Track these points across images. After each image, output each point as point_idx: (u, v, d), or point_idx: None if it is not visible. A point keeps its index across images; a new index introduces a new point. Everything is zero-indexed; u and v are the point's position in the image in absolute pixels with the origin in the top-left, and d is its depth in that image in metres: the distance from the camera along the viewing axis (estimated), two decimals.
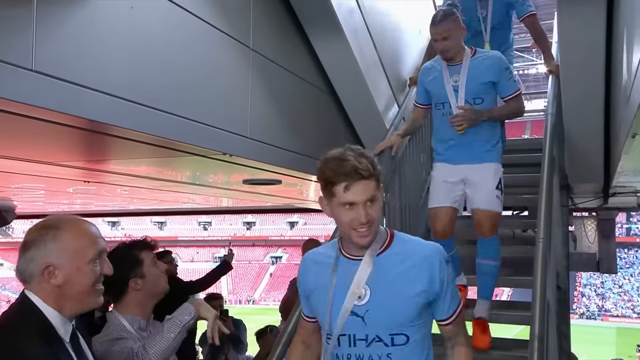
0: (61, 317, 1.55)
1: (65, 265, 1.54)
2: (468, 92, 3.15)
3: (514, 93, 3.18)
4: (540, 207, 2.99)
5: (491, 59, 3.18)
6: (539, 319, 2.38)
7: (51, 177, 4.25)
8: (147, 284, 2.28)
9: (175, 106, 2.79)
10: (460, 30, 3.14)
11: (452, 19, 3.10)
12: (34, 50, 2.02)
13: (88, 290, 1.59)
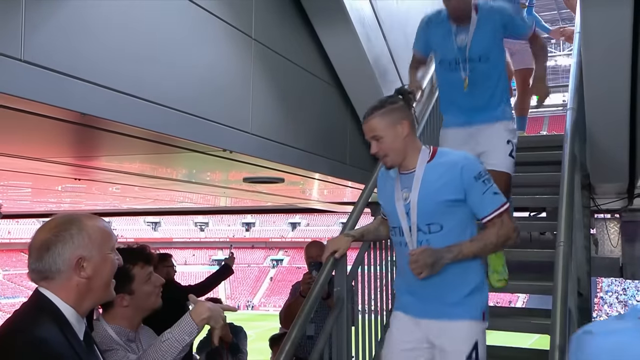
0: (76, 315, 1.64)
1: (94, 256, 1.66)
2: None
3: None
4: (561, 209, 2.97)
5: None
6: (560, 328, 2.36)
7: (39, 174, 4.26)
8: (135, 300, 2.26)
9: (172, 99, 2.79)
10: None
11: None
12: (23, 39, 2.02)
13: (108, 282, 1.74)
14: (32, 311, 1.62)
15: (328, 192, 6.19)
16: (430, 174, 2.44)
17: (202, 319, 2.08)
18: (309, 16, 3.83)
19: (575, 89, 4.06)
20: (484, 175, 2.40)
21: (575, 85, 4.09)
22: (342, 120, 4.51)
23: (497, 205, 2.40)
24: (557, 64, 31.73)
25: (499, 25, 3.32)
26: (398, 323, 2.63)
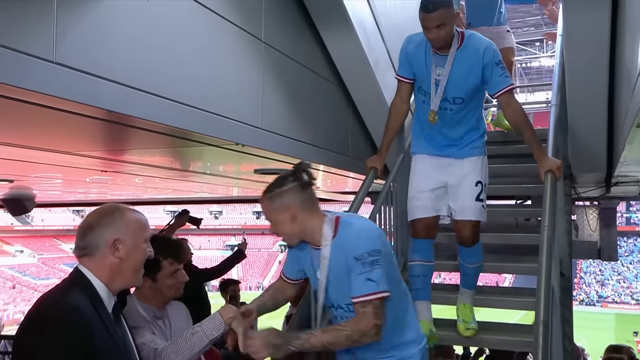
0: (107, 291, 1.73)
1: (128, 241, 1.75)
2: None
3: None
4: (545, 196, 2.97)
5: None
6: (544, 305, 2.37)
7: (70, 166, 4.27)
8: (157, 287, 2.27)
9: (189, 97, 2.78)
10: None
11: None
12: (55, 42, 2.02)
13: (138, 267, 1.81)
14: (68, 284, 1.71)
15: (331, 182, 6.19)
16: (333, 255, 2.10)
17: (229, 317, 2.13)
18: (314, 21, 3.82)
19: (558, 87, 4.06)
20: (367, 258, 2.01)
21: (558, 84, 4.09)
22: (344, 117, 4.51)
23: (366, 292, 2.01)
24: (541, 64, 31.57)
25: (480, 65, 2.85)
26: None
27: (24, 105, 2.16)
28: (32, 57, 1.94)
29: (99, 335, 1.60)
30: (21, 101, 2.12)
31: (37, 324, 1.59)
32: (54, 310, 1.60)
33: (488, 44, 2.88)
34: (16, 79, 1.89)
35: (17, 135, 3.00)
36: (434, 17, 2.71)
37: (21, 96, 2.05)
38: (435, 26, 2.73)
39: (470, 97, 2.94)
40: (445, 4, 2.72)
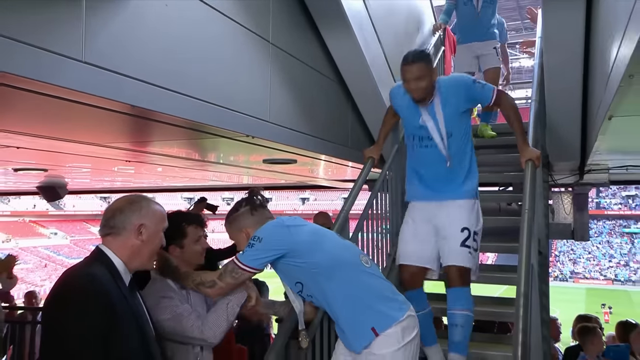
0: (125, 268, 1.75)
1: (151, 228, 1.79)
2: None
3: None
4: (526, 183, 2.96)
5: None
6: (524, 279, 2.37)
7: (97, 157, 4.27)
8: (184, 254, 2.27)
9: (205, 93, 2.77)
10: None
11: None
12: (84, 44, 2.01)
13: (154, 252, 1.85)
14: (89, 261, 1.74)
15: (332, 171, 6.18)
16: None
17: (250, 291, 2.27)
18: (316, 23, 3.79)
19: (537, 84, 4.04)
20: (251, 240, 2.14)
21: (537, 81, 4.07)
22: (344, 111, 4.48)
23: (237, 256, 2.16)
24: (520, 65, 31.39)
25: (462, 100, 2.73)
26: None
27: (57, 100, 2.16)
28: (63, 57, 1.94)
29: (117, 302, 1.62)
30: (54, 97, 2.11)
31: (62, 294, 1.61)
32: (77, 282, 1.62)
33: (455, 81, 2.77)
34: (50, 76, 1.89)
35: (50, 128, 3.00)
36: (414, 70, 2.60)
37: (54, 92, 2.05)
38: (414, 78, 2.61)
39: (457, 129, 2.74)
40: (425, 58, 2.63)
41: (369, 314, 2.13)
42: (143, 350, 1.69)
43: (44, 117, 2.68)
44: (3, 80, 1.84)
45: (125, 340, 1.61)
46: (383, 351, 2.09)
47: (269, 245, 2.12)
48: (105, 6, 2.14)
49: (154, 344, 1.77)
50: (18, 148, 3.54)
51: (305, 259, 2.13)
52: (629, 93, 2.09)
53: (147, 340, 1.73)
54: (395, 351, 2.08)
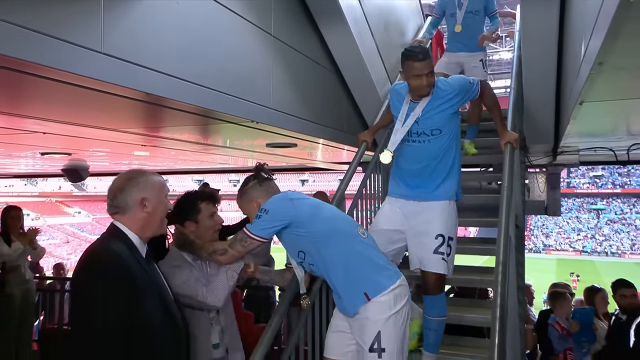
0: (139, 240, 1.74)
1: (153, 198, 1.75)
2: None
3: None
4: (505, 163, 2.96)
5: None
6: (503, 249, 2.38)
7: (116, 141, 4.24)
8: (198, 230, 2.27)
9: (213, 82, 2.75)
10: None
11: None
12: (103, 36, 1.99)
13: (162, 218, 1.80)
14: (108, 237, 1.72)
15: (329, 154, 6.17)
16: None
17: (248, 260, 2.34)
18: (315, 18, 3.75)
19: (516, 74, 4.03)
20: (259, 212, 2.16)
21: (516, 71, 4.05)
22: (340, 98, 4.46)
23: (246, 228, 2.17)
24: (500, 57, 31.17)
25: (456, 100, 2.57)
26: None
27: (79, 89, 2.14)
28: (85, 48, 1.92)
29: (137, 273, 1.62)
30: (76, 85, 2.10)
31: (87, 268, 1.61)
32: (100, 257, 1.62)
33: (456, 83, 2.59)
34: (72, 66, 1.88)
35: (73, 114, 2.98)
36: (425, 65, 2.46)
37: (76, 81, 2.04)
38: (426, 74, 2.47)
39: (447, 127, 2.56)
40: (430, 55, 2.52)
41: (362, 280, 2.12)
42: (164, 312, 1.69)
43: (67, 105, 2.66)
44: (31, 70, 1.83)
45: (147, 304, 1.61)
46: (377, 317, 2.06)
47: (275, 217, 2.13)
48: (121, 2, 2.11)
49: (173, 307, 1.77)
50: (45, 133, 3.52)
51: (307, 228, 2.14)
52: (598, 80, 2.08)
53: (167, 304, 1.73)
54: (387, 318, 2.07)
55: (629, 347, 3.77)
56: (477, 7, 4.35)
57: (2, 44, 1.62)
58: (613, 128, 3.72)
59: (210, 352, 2.28)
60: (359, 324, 2.13)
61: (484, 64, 4.46)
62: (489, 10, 4.41)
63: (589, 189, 48.78)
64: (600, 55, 1.75)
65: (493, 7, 4.42)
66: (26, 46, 1.68)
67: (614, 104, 2.68)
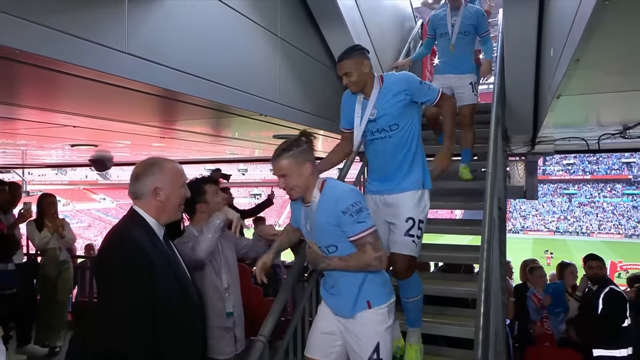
0: (157, 224, 1.69)
1: (167, 188, 1.68)
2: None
3: None
4: (489, 152, 2.97)
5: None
6: (487, 229, 2.40)
7: (137, 134, 4.23)
8: (210, 209, 2.30)
9: (225, 79, 2.73)
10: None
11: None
12: (127, 38, 1.98)
13: (177, 207, 1.73)
14: (128, 222, 1.67)
15: (329, 144, 6.15)
16: (319, 210, 1.99)
17: (225, 210, 2.33)
18: (316, 20, 3.71)
19: (499, 71, 3.99)
20: (352, 208, 1.91)
21: (499, 68, 4.02)
22: (338, 93, 4.40)
23: (359, 230, 1.92)
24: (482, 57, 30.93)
25: (404, 94, 2.32)
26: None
27: (105, 85, 2.14)
28: (111, 49, 1.91)
29: (153, 255, 1.57)
30: (103, 82, 2.09)
31: (109, 251, 1.59)
32: (119, 240, 1.60)
33: (402, 76, 2.38)
34: (100, 65, 1.87)
35: (100, 109, 2.96)
36: (342, 66, 2.32)
37: (103, 79, 2.03)
38: (343, 74, 2.33)
39: (403, 121, 2.34)
40: (351, 55, 2.30)
41: (369, 288, 2.02)
42: (179, 289, 1.66)
43: (95, 100, 2.65)
44: (64, 69, 1.82)
45: (164, 283, 1.57)
46: (377, 328, 1.99)
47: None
48: (143, 6, 2.10)
49: (189, 283, 1.73)
50: (75, 127, 3.51)
51: None
52: (574, 75, 2.07)
53: (182, 281, 1.69)
54: (385, 330, 2.00)
55: (597, 314, 3.81)
56: (467, 28, 3.85)
57: (38, 45, 1.61)
58: (586, 120, 3.70)
59: (224, 319, 2.31)
60: (356, 328, 2.02)
61: (473, 87, 3.89)
62: (480, 30, 3.87)
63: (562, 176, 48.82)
64: (576, 53, 1.73)
65: (484, 27, 3.87)
66: (59, 47, 1.67)
67: (587, 98, 2.67)
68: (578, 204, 47.40)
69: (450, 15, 3.88)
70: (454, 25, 3.85)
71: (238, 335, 2.40)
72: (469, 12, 3.85)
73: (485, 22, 3.88)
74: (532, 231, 43.67)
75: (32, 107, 2.79)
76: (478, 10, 3.88)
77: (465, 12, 3.85)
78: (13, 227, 4.32)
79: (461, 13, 3.85)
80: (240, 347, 2.41)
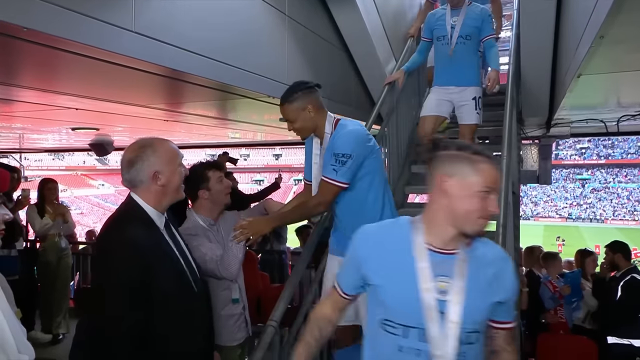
0: (157, 212, 1.59)
1: (165, 170, 1.57)
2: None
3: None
4: (504, 134, 2.95)
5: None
6: (504, 214, 2.40)
7: (141, 117, 4.24)
8: (212, 196, 2.28)
9: (232, 59, 2.72)
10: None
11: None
12: (134, 16, 1.98)
13: (178, 187, 1.63)
14: (125, 213, 1.58)
15: None
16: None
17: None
18: None
19: (514, 51, 3.94)
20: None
21: (514, 48, 3.97)
22: (349, 75, 4.41)
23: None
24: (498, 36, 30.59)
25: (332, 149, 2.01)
26: None
27: (111, 66, 2.14)
28: (118, 27, 1.91)
29: (150, 252, 1.50)
30: (108, 62, 2.09)
31: (104, 247, 1.54)
32: (116, 241, 1.51)
33: (347, 130, 2.02)
34: (106, 44, 1.87)
35: (103, 91, 2.97)
36: (281, 111, 2.11)
37: (109, 58, 2.03)
38: (285, 120, 2.13)
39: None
40: (287, 99, 2.06)
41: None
42: (183, 283, 1.60)
43: (99, 81, 2.66)
44: (69, 47, 1.82)
45: (163, 280, 1.51)
46: None
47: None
48: None
49: (194, 276, 1.66)
50: (77, 109, 3.52)
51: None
52: (597, 53, 2.06)
53: (184, 275, 1.61)
54: None
55: (614, 301, 3.85)
56: (469, 31, 3.22)
57: (42, 23, 1.61)
58: (605, 100, 3.68)
59: (232, 307, 2.32)
60: None
61: (476, 103, 3.26)
62: (484, 33, 3.24)
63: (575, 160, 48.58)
64: (602, 29, 1.72)
65: (489, 29, 3.24)
66: (66, 25, 1.67)
67: (609, 77, 2.65)
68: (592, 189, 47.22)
69: (450, 14, 3.27)
70: (454, 27, 3.24)
71: (248, 319, 2.43)
72: (473, 11, 3.24)
73: (490, 24, 3.28)
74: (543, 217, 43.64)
75: (34, 89, 2.79)
76: (484, 10, 3.27)
77: (468, 12, 3.23)
78: (13, 213, 4.37)
79: (463, 13, 3.23)
80: (250, 330, 2.45)
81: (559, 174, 49.03)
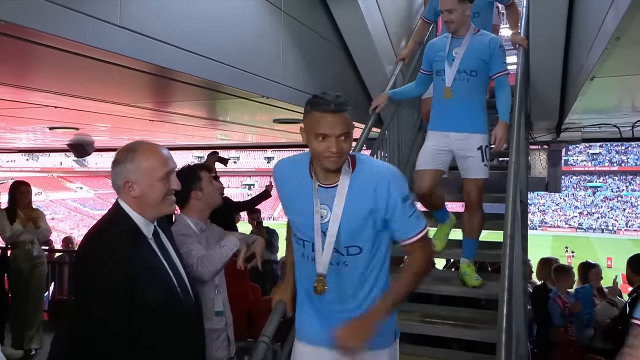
0: (144, 220, 1.59)
1: (140, 182, 1.55)
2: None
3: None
4: (512, 140, 2.95)
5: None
6: (511, 223, 2.41)
7: (125, 116, 4.24)
8: (205, 197, 2.31)
9: (223, 56, 2.73)
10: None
11: None
12: (120, 10, 1.98)
13: (160, 201, 1.59)
14: (111, 220, 1.58)
15: None
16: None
17: (256, 244, 2.36)
18: None
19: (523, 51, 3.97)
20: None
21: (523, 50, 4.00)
22: (347, 74, 4.43)
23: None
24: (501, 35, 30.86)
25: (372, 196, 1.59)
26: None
27: (94, 62, 2.15)
28: (103, 22, 1.91)
29: (137, 263, 1.51)
30: (92, 58, 2.10)
31: (90, 252, 1.54)
32: (100, 244, 1.52)
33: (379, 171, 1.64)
34: (91, 39, 1.87)
35: (86, 89, 2.97)
36: (338, 121, 1.62)
37: (93, 54, 2.04)
38: (338, 135, 1.60)
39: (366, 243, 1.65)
40: (347, 107, 1.65)
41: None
42: (169, 296, 1.61)
43: (81, 78, 2.66)
44: (50, 42, 1.81)
45: (150, 292, 1.53)
46: None
47: None
48: None
49: (183, 287, 1.66)
50: (56, 108, 3.51)
51: None
52: (612, 55, 2.08)
53: (172, 286, 1.62)
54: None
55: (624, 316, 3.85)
56: (474, 65, 2.79)
57: (20, 16, 1.60)
58: (619, 104, 3.72)
59: (214, 320, 2.32)
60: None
61: (483, 154, 2.87)
62: (493, 70, 2.80)
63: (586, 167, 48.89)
64: (618, 30, 1.74)
65: (500, 65, 2.80)
66: (46, 18, 1.67)
67: (624, 80, 2.68)
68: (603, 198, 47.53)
69: (451, 44, 2.84)
70: (454, 60, 2.81)
71: (231, 337, 2.42)
72: (480, 42, 2.79)
73: (501, 58, 2.80)
74: (551, 227, 43.83)
75: (7, 85, 2.77)
76: (494, 40, 2.80)
77: (472, 42, 2.80)
78: None
79: (466, 42, 2.80)
80: (232, 350, 2.43)
81: (569, 181, 49.33)
